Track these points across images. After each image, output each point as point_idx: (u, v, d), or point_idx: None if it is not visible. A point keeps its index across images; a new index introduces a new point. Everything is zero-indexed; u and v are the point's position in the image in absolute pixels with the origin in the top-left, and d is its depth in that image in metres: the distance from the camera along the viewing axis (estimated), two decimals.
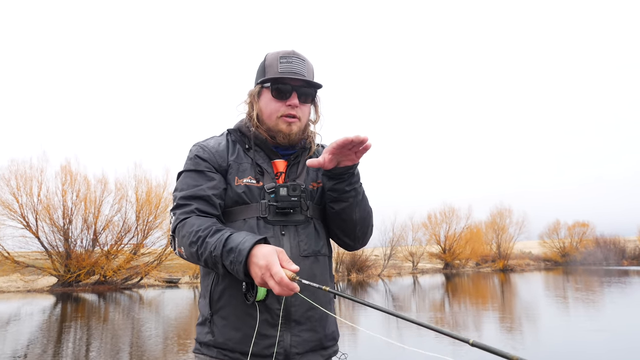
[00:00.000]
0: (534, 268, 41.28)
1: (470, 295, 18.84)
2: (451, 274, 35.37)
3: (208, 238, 1.42)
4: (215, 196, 1.57)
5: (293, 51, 1.65)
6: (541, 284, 23.83)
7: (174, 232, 1.55)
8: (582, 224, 45.74)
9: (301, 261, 1.55)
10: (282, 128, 1.63)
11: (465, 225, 40.46)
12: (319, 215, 1.66)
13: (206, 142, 1.70)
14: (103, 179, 24.88)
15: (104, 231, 24.38)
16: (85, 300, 18.49)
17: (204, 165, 1.62)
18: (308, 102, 1.67)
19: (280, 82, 1.62)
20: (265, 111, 1.65)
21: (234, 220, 1.60)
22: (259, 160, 1.65)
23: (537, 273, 34.52)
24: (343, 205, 1.60)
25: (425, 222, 40.10)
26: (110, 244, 24.43)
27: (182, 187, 1.59)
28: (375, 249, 35.80)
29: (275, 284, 1.26)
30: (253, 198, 1.59)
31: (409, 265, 38.48)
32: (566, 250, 44.23)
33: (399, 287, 23.81)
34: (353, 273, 31.18)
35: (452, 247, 39.33)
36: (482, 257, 40.56)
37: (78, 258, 23.04)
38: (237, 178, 1.62)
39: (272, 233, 1.55)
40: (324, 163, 1.52)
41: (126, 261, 24.05)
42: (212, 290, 1.58)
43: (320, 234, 1.63)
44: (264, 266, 1.28)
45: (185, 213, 1.53)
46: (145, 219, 24.82)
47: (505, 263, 39.29)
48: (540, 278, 28.90)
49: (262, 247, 1.33)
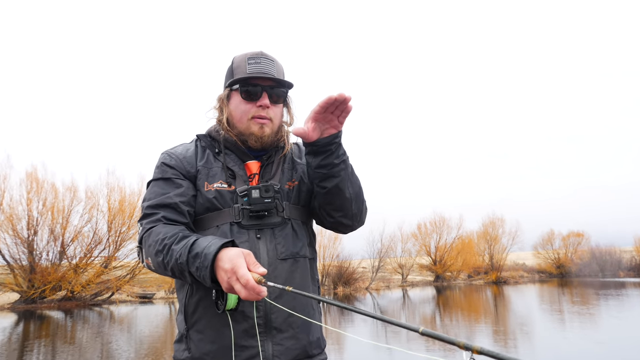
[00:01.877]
0: (528, 280, 41.69)
1: (462, 308, 18.93)
2: (442, 286, 35.55)
3: (174, 245, 1.42)
4: (183, 203, 1.58)
5: (261, 52, 1.68)
6: (536, 297, 24.09)
7: (140, 243, 1.56)
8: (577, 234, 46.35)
9: (279, 264, 1.56)
10: (254, 130, 1.64)
11: (456, 235, 40.82)
12: (297, 215, 1.66)
13: (174, 150, 1.73)
14: (72, 186, 24.56)
15: (72, 243, 24.01)
16: (50, 318, 18.11)
17: (171, 172, 1.64)
18: (279, 103, 1.69)
19: (249, 82, 1.64)
20: (235, 114, 1.67)
21: (206, 228, 1.60)
22: (230, 163, 1.67)
23: (531, 285, 34.89)
24: (335, 182, 1.58)
25: (415, 232, 40.35)
26: (79, 257, 24.08)
27: (150, 196, 1.61)
28: (362, 261, 35.81)
29: (242, 288, 1.25)
30: (225, 203, 1.60)
31: (398, 278, 38.55)
32: (561, 261, 44.72)
33: (388, 300, 23.83)
34: (340, 286, 31.15)
35: (443, 258, 39.55)
36: (474, 268, 40.83)
37: (43, 272, 22.57)
38: (206, 183, 1.63)
39: (247, 237, 1.56)
40: (308, 132, 1.52)
41: (96, 275, 23.68)
42: (186, 303, 1.58)
43: (299, 234, 1.64)
44: (229, 270, 1.27)
45: (151, 222, 1.54)
46: (118, 230, 24.51)
47: (499, 275, 39.62)
48: (534, 290, 29.21)
49: (229, 250, 1.33)
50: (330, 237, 32.64)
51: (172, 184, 1.61)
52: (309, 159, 1.60)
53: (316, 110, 1.49)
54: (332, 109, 1.49)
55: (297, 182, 1.70)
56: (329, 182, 1.58)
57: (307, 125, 1.52)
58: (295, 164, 1.74)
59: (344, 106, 1.48)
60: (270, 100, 1.64)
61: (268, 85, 1.64)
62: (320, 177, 1.59)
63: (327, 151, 1.55)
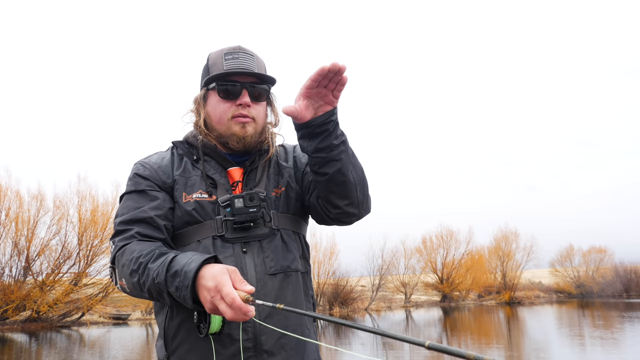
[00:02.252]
0: (545, 301, 41.79)
1: (472, 332, 18.92)
2: (450, 307, 35.54)
3: (150, 264, 1.41)
4: (159, 217, 1.58)
5: (239, 46, 1.69)
6: (553, 320, 24.11)
7: (113, 263, 1.55)
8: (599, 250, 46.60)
9: (268, 280, 1.55)
10: (235, 131, 1.64)
11: (465, 250, 40.87)
12: (287, 225, 1.66)
13: (148, 159, 1.74)
14: (39, 194, 24.49)
15: (38, 257, 23.89)
16: (12, 341, 17.98)
17: (145, 184, 1.64)
18: (262, 101, 1.70)
19: (227, 79, 1.65)
20: (213, 115, 1.68)
21: (186, 244, 1.61)
22: (210, 171, 1.67)
23: (548, 306, 34.95)
24: (337, 166, 1.54)
25: (419, 247, 40.36)
26: (45, 273, 23.96)
27: (122, 211, 1.62)
28: (361, 278, 35.78)
29: (227, 308, 1.23)
30: (206, 215, 1.60)
31: (401, 298, 38.53)
32: (581, 280, 44.88)
33: (390, 323, 23.77)
34: (336, 306, 31.08)
35: (451, 276, 39.55)
36: (485, 287, 40.91)
37: (5, 290, 22.44)
38: (184, 194, 1.63)
39: (232, 252, 1.56)
40: (300, 111, 1.47)
41: (65, 294, 23.54)
42: (166, 327, 1.58)
43: (289, 246, 1.64)
44: (212, 288, 1.26)
45: (124, 239, 1.54)
46: (90, 243, 24.43)
47: (512, 295, 39.64)
48: (552, 312, 29.25)
49: (211, 266, 1.31)
50: (326, 252, 32.67)
51: (147, 197, 1.61)
52: (303, 143, 1.56)
53: (307, 84, 1.43)
54: (325, 82, 1.44)
55: (284, 188, 1.70)
56: (330, 167, 1.54)
57: (298, 103, 1.47)
58: (281, 169, 1.74)
59: (338, 78, 1.43)
60: (252, 97, 1.65)
61: (248, 82, 1.65)
62: (319, 162, 1.54)
63: (324, 132, 1.51)
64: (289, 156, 1.80)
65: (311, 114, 1.49)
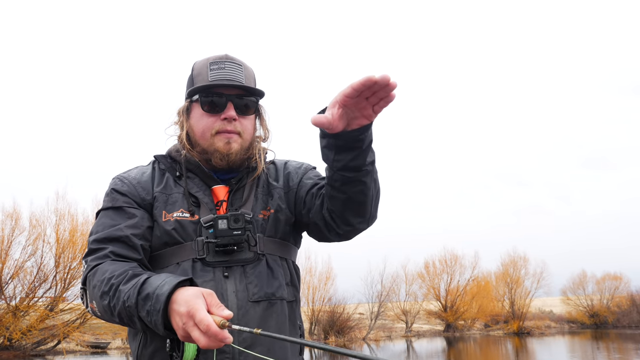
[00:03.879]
0: (557, 331, 41.50)
1: None
2: (454, 337, 35.25)
3: (122, 285, 1.40)
4: (136, 236, 1.57)
5: (226, 55, 1.69)
6: (565, 351, 23.95)
7: (84, 284, 1.53)
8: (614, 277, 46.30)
9: (251, 308, 1.54)
10: (218, 147, 1.63)
11: (470, 276, 40.61)
12: (273, 250, 1.65)
13: (127, 173, 1.73)
14: (14, 212, 24.28)
15: (11, 280, 23.61)
16: None
17: (122, 200, 1.64)
18: (249, 114, 1.69)
19: (211, 92, 1.64)
20: (196, 129, 1.67)
21: (164, 266, 1.59)
22: (193, 188, 1.66)
23: (560, 337, 34.71)
24: (360, 187, 1.51)
25: (421, 272, 40.10)
26: (19, 297, 23.66)
27: (97, 229, 1.61)
28: (359, 305, 35.53)
29: (201, 335, 1.20)
30: (187, 236, 1.59)
31: (402, 327, 38.21)
32: (595, 309, 44.57)
33: (389, 353, 23.54)
34: (332, 336, 30.78)
35: (455, 303, 39.28)
36: (492, 316, 40.60)
37: None
38: (164, 212, 1.62)
39: (212, 276, 1.55)
40: (333, 120, 1.37)
41: (40, 320, 23.24)
42: (138, 355, 1.56)
43: (275, 272, 1.62)
44: (185, 314, 1.23)
45: (97, 259, 1.52)
46: (67, 265, 24.20)
47: (521, 325, 39.36)
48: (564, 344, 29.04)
49: (185, 290, 1.29)
50: (321, 276, 32.53)
51: (124, 214, 1.60)
52: (328, 154, 1.48)
53: (347, 92, 1.32)
54: (369, 93, 1.34)
55: (273, 211, 1.69)
56: (353, 187, 1.50)
57: (332, 111, 1.37)
58: (270, 189, 1.73)
59: (384, 93, 1.33)
60: (237, 111, 1.64)
61: (234, 94, 1.64)
62: (341, 180, 1.49)
63: (356, 148, 1.44)
64: (280, 174, 1.78)
65: (343, 125, 1.40)
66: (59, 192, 25.67)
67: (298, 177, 1.77)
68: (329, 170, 1.52)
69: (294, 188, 1.75)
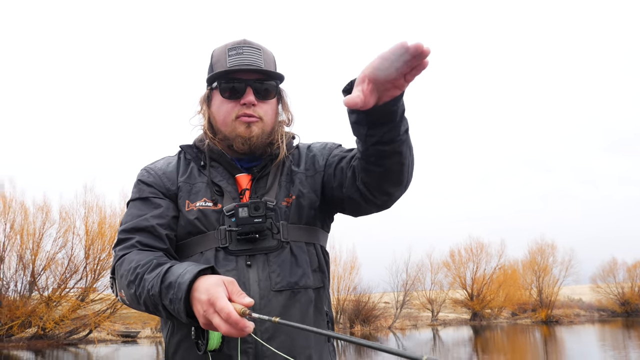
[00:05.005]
0: (586, 319, 40.94)
1: (506, 353, 18.64)
2: (480, 326, 35.06)
3: (147, 274, 1.42)
4: (162, 226, 1.59)
5: (244, 40, 1.67)
6: (596, 340, 23.62)
7: (113, 273, 1.56)
8: None
9: (273, 297, 1.54)
10: (240, 132, 1.62)
11: (497, 264, 40.19)
12: (299, 236, 1.63)
13: (153, 164, 1.75)
14: (45, 206, 24.81)
15: (44, 272, 24.20)
16: (18, 359, 18.23)
17: (149, 191, 1.66)
18: (269, 98, 1.67)
19: (230, 77, 1.63)
20: (217, 117, 1.67)
21: (189, 255, 1.61)
22: (217, 177, 1.66)
23: (589, 326, 34.26)
24: (397, 158, 1.45)
25: (447, 260, 39.82)
26: (51, 288, 24.21)
27: (125, 219, 1.64)
28: (384, 295, 35.54)
29: (221, 322, 1.21)
30: (210, 225, 1.59)
31: (428, 315, 38.14)
32: (626, 296, 43.77)
33: (415, 342, 23.53)
34: (357, 325, 30.91)
35: (482, 292, 38.98)
36: (519, 305, 40.22)
37: (11, 306, 22.74)
38: (188, 202, 1.63)
39: (235, 265, 1.54)
40: (364, 97, 1.28)
41: (71, 310, 23.77)
42: (167, 343, 1.59)
43: (299, 260, 1.60)
44: (206, 301, 1.24)
45: (124, 249, 1.56)
46: (97, 257, 24.66)
47: (549, 313, 38.95)
48: (594, 332, 28.65)
49: (207, 278, 1.30)
50: (346, 266, 32.56)
51: (150, 205, 1.63)
52: (360, 130, 1.42)
53: (377, 65, 1.25)
54: (400, 63, 1.26)
55: (295, 197, 1.67)
56: (390, 159, 1.45)
57: (362, 86, 1.28)
58: (292, 175, 1.71)
59: (417, 62, 1.23)
60: (257, 96, 1.63)
61: (253, 79, 1.63)
62: (377, 154, 1.44)
63: (390, 121, 1.37)
64: (302, 159, 1.76)
65: (375, 100, 1.31)
66: (87, 186, 26.10)
67: (324, 158, 1.73)
68: (362, 145, 1.46)
69: (320, 170, 1.72)
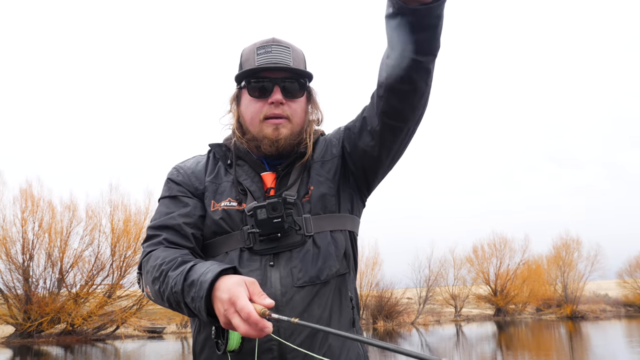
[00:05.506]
0: (612, 315, 40.31)
1: (530, 349, 18.43)
2: (505, 322, 34.72)
3: (171, 272, 1.43)
4: (188, 225, 1.59)
5: (273, 38, 1.66)
6: (622, 337, 23.21)
7: (140, 269, 1.58)
8: None
9: (295, 293, 1.53)
10: (267, 133, 1.62)
11: (521, 260, 39.85)
12: (323, 226, 1.61)
13: (184, 163, 1.76)
14: (72, 204, 25.24)
15: (72, 269, 24.61)
16: (48, 354, 18.58)
17: (177, 189, 1.67)
18: (298, 97, 1.66)
19: (257, 76, 1.62)
20: (246, 116, 1.67)
21: (214, 255, 1.61)
22: (242, 176, 1.66)
23: (616, 321, 33.70)
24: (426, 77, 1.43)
25: (470, 256, 39.59)
26: (79, 285, 24.61)
27: (155, 216, 1.66)
28: (407, 290, 35.41)
29: (241, 322, 1.21)
30: (234, 225, 1.59)
31: (451, 311, 37.89)
32: None
33: (438, 338, 23.37)
34: (380, 320, 30.86)
35: (505, 287, 38.66)
36: (543, 300, 39.79)
37: (40, 302, 23.16)
38: (213, 202, 1.64)
39: (259, 265, 1.54)
40: None
41: (99, 306, 24.17)
42: (194, 341, 1.61)
43: (322, 251, 1.58)
44: (226, 300, 1.24)
45: (152, 245, 1.57)
46: (123, 254, 25.02)
47: (574, 308, 38.42)
48: (620, 328, 28.18)
49: (228, 278, 1.30)
50: (368, 262, 32.49)
51: (179, 203, 1.64)
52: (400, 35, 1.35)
53: None
54: None
55: (313, 187, 1.65)
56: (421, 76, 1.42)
57: None
58: (310, 167, 1.69)
59: None
60: (285, 94, 1.62)
61: (281, 77, 1.61)
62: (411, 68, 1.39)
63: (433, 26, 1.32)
64: (318, 149, 1.73)
65: None
66: (113, 184, 26.55)
67: (340, 139, 1.72)
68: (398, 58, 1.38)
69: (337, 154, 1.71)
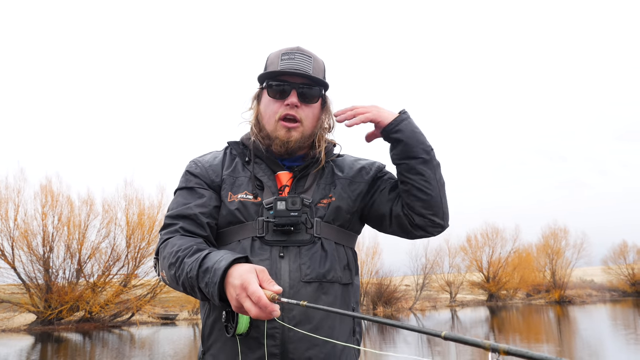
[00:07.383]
0: (598, 299, 40.35)
1: (521, 332, 18.48)
2: (497, 306, 34.80)
3: (186, 258, 1.45)
4: (204, 215, 1.62)
5: (298, 47, 1.70)
6: (607, 320, 23.26)
7: (157, 254, 1.60)
8: None
9: (302, 287, 1.55)
10: (279, 134, 1.66)
11: (512, 248, 39.94)
12: (330, 235, 1.64)
13: (201, 158, 1.78)
14: (89, 199, 25.33)
15: (89, 260, 24.70)
16: (68, 340, 18.65)
17: (195, 181, 1.69)
18: (312, 103, 1.69)
19: (278, 78, 1.66)
20: (264, 115, 1.70)
21: (227, 243, 1.63)
22: (259, 173, 1.69)
23: (601, 305, 33.73)
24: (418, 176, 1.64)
25: (464, 245, 39.65)
26: (96, 275, 24.70)
27: (172, 206, 1.67)
28: (405, 278, 35.46)
29: (252, 305, 1.24)
30: (249, 215, 1.62)
31: (446, 297, 37.97)
32: (636, 277, 42.98)
33: (435, 322, 23.47)
34: (379, 306, 30.92)
35: (497, 274, 38.71)
36: (533, 286, 39.82)
37: (60, 291, 23.29)
38: (230, 194, 1.66)
39: (269, 255, 1.56)
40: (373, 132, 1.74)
41: (115, 295, 24.24)
42: (204, 324, 1.62)
43: (329, 255, 1.61)
44: (239, 286, 1.27)
45: (169, 233, 1.59)
46: (137, 245, 25.09)
47: (562, 293, 38.45)
48: (605, 312, 28.22)
49: (240, 266, 1.33)
50: (368, 251, 32.55)
51: (195, 194, 1.66)
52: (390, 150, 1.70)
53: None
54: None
55: (334, 199, 1.68)
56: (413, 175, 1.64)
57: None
58: (335, 179, 1.72)
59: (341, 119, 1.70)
60: (301, 99, 1.65)
61: (299, 82, 1.65)
62: (402, 169, 1.65)
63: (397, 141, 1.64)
64: (346, 166, 1.79)
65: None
66: (127, 180, 26.62)
67: (373, 172, 1.79)
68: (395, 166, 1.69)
69: (366, 181, 1.76)
